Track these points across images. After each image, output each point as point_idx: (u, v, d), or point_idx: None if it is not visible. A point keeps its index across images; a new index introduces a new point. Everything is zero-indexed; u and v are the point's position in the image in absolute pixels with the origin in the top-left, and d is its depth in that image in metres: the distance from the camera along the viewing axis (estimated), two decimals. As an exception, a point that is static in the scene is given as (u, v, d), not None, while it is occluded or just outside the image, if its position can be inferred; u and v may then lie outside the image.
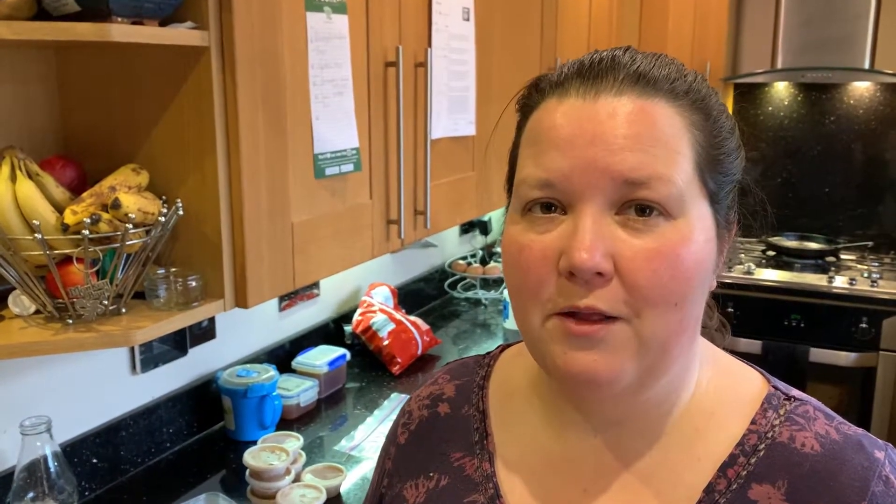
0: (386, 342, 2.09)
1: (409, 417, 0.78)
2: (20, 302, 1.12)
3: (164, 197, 1.19)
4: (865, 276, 2.78)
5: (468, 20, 1.83)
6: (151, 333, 1.12)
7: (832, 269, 2.91)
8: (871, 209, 3.15)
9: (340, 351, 1.98)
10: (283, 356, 1.96)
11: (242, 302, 1.23)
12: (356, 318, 2.16)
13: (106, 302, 1.10)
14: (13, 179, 1.07)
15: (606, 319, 0.56)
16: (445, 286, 2.79)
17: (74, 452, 1.43)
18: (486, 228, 2.96)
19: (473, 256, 2.88)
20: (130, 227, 1.07)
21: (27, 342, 1.04)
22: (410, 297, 2.54)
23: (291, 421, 1.79)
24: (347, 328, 2.17)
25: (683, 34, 2.99)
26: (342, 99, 1.41)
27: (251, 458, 1.47)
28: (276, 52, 1.23)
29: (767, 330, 2.78)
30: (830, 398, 2.69)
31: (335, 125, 1.40)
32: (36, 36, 0.99)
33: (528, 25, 2.17)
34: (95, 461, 1.48)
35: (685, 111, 0.59)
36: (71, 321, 1.10)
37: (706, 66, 2.93)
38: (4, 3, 0.97)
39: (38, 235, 1.02)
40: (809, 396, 0.66)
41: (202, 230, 1.20)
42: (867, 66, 2.77)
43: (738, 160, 0.63)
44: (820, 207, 3.22)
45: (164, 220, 1.12)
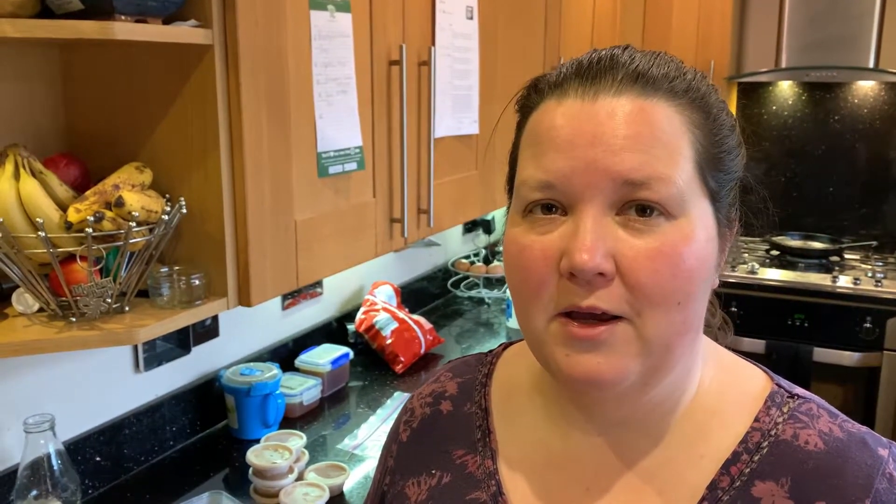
0: (389, 341, 2.09)
1: (411, 415, 0.78)
2: (24, 300, 1.12)
3: (167, 195, 1.19)
4: (869, 275, 2.78)
5: (472, 19, 1.83)
6: (155, 331, 1.12)
7: (836, 268, 2.90)
8: (875, 208, 3.14)
9: (343, 349, 1.98)
10: (286, 355, 1.96)
11: (246, 300, 1.23)
12: (359, 316, 2.16)
13: (109, 300, 1.10)
14: (17, 177, 1.07)
15: (609, 320, 0.56)
16: (448, 285, 2.79)
17: (78, 450, 1.44)
18: (489, 227, 2.96)
19: (476, 255, 2.88)
20: (134, 225, 1.07)
21: (31, 340, 1.05)
22: (413, 295, 2.54)
23: (294, 419, 1.79)
24: (350, 327, 2.16)
25: (687, 33, 2.98)
26: (346, 97, 1.40)
27: (254, 456, 1.47)
28: (279, 50, 1.23)
29: (771, 329, 2.78)
30: (834, 398, 2.68)
31: (339, 123, 1.39)
32: (40, 34, 0.99)
33: (531, 24, 2.17)
34: (99, 459, 1.48)
35: (685, 110, 0.59)
36: (74, 319, 1.10)
37: (710, 64, 2.93)
38: (8, 0, 0.97)
39: (41, 233, 1.02)
40: (813, 394, 0.66)
41: (205, 228, 1.20)
42: (872, 65, 2.77)
43: (738, 158, 0.63)
44: (824, 207, 3.21)
45: (167, 218, 1.12)
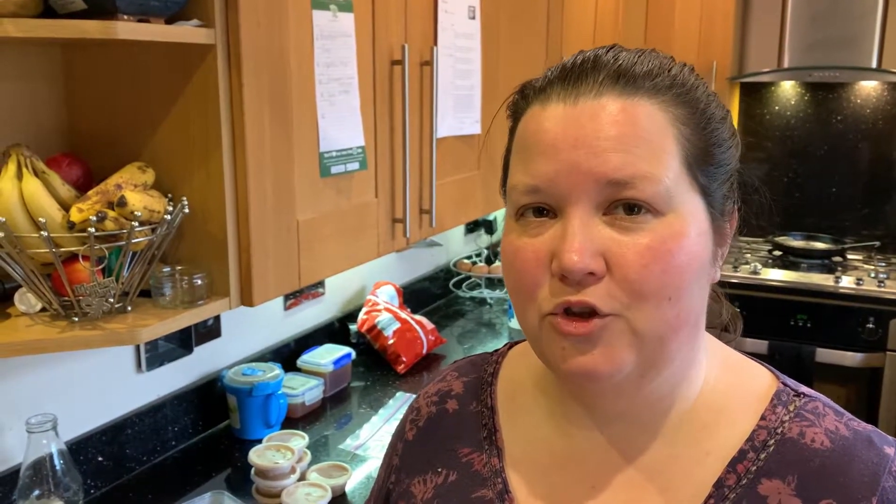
0: (391, 341, 2.09)
1: (417, 414, 0.78)
2: (26, 300, 1.12)
3: (169, 195, 1.19)
4: (872, 276, 2.77)
5: (474, 19, 1.83)
6: (157, 331, 1.12)
7: (839, 269, 2.90)
8: (877, 209, 3.13)
9: (345, 350, 1.98)
10: (288, 355, 1.96)
11: (248, 300, 1.23)
12: (361, 316, 2.16)
13: (112, 300, 1.10)
14: (19, 177, 1.07)
15: (600, 315, 0.57)
16: (450, 285, 2.79)
17: (80, 450, 1.44)
18: (491, 227, 2.96)
19: (478, 255, 2.88)
20: (136, 224, 1.07)
21: (33, 340, 1.05)
22: (415, 296, 2.54)
23: (296, 420, 1.79)
24: (352, 327, 2.16)
25: (690, 33, 2.98)
26: (348, 97, 1.40)
27: (256, 456, 1.47)
28: (282, 50, 1.23)
29: (774, 330, 2.77)
30: (837, 398, 2.66)
31: (341, 123, 1.39)
32: (42, 34, 0.99)
33: (533, 24, 2.17)
34: (101, 459, 1.48)
35: (669, 106, 0.59)
36: (77, 319, 1.10)
37: (712, 65, 2.92)
38: (11, 0, 0.97)
39: (44, 233, 1.02)
40: (819, 393, 0.66)
41: (208, 228, 1.20)
42: (874, 65, 2.76)
43: (731, 149, 0.63)
44: (826, 207, 3.20)
45: (169, 218, 1.12)
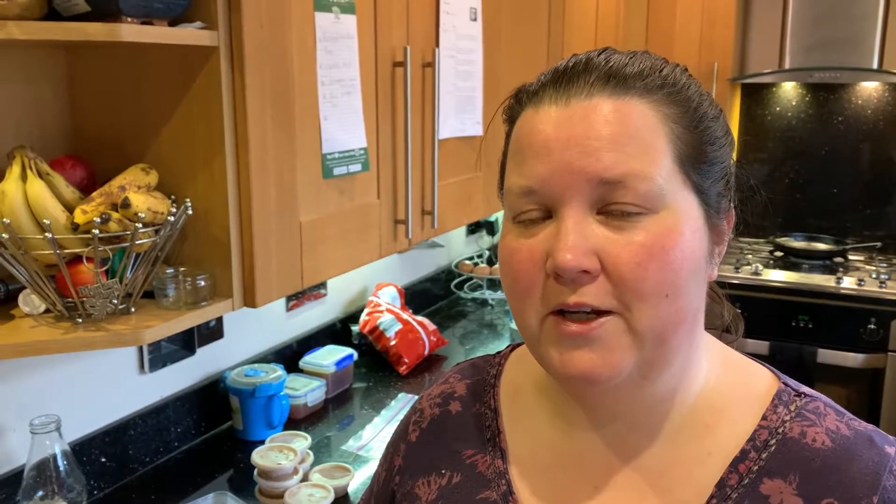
0: (393, 342, 2.09)
1: (420, 415, 0.78)
2: (30, 301, 1.12)
3: (173, 196, 1.19)
4: (874, 276, 2.77)
5: (475, 20, 1.83)
6: (160, 332, 1.12)
7: (840, 269, 2.90)
8: (879, 209, 3.13)
9: (347, 351, 1.98)
10: (290, 356, 1.96)
11: (251, 301, 1.23)
12: (363, 317, 2.16)
13: (115, 301, 1.10)
14: (24, 179, 1.07)
15: (598, 315, 0.57)
16: (452, 286, 2.79)
17: (83, 451, 1.44)
18: (492, 229, 2.96)
19: (480, 257, 2.88)
20: (140, 226, 1.08)
21: (37, 341, 1.05)
22: (417, 297, 2.55)
23: (299, 421, 1.79)
24: (354, 328, 2.17)
25: (691, 34, 2.98)
26: (350, 99, 1.41)
27: (259, 457, 1.47)
28: (284, 51, 1.24)
29: (775, 331, 2.77)
30: (838, 399, 2.66)
31: (343, 125, 1.40)
32: (47, 36, 1.00)
33: (535, 26, 2.17)
34: (104, 460, 1.49)
35: (660, 105, 0.59)
36: (80, 320, 1.10)
37: (713, 66, 2.93)
38: (15, 3, 0.97)
39: (48, 234, 1.03)
40: (819, 393, 0.67)
41: (211, 230, 1.20)
42: (875, 66, 2.76)
43: (724, 147, 0.63)
44: (828, 208, 3.21)
45: (173, 219, 1.13)
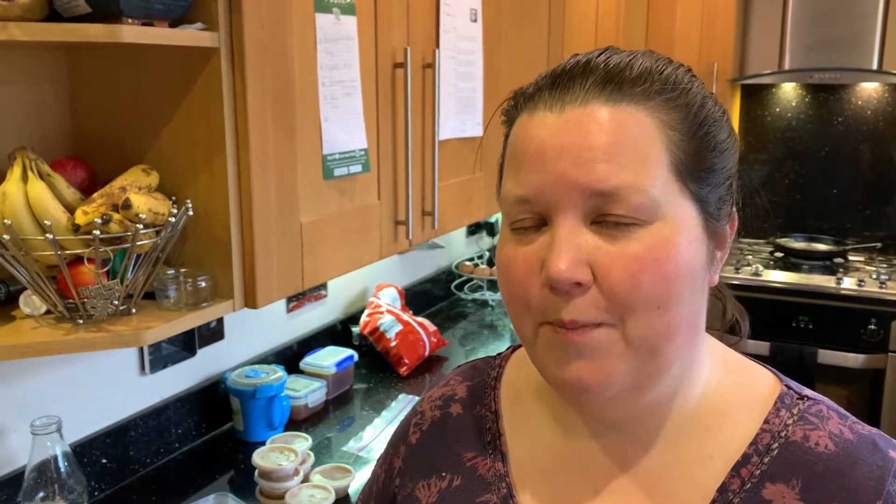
0: (393, 343, 2.09)
1: (420, 417, 0.78)
2: (31, 302, 1.13)
3: (173, 197, 1.19)
4: (874, 277, 2.77)
5: (476, 21, 1.83)
6: (161, 333, 1.12)
7: (840, 270, 2.90)
8: (879, 210, 3.14)
9: (348, 352, 1.98)
10: (290, 357, 1.96)
11: (252, 302, 1.23)
12: (363, 319, 2.16)
13: (116, 302, 1.10)
14: (25, 180, 1.07)
15: (591, 327, 0.56)
16: (452, 287, 2.79)
17: (84, 452, 1.44)
18: (493, 230, 2.96)
19: (480, 258, 2.88)
20: (141, 227, 1.08)
21: (38, 342, 1.05)
22: (418, 298, 2.55)
23: (299, 422, 1.79)
24: (355, 329, 2.17)
25: (691, 35, 2.98)
26: (351, 100, 1.41)
27: (260, 458, 1.47)
28: (285, 53, 1.24)
29: (775, 331, 2.77)
30: (839, 400, 2.66)
31: (344, 126, 1.40)
32: (47, 37, 1.00)
33: (535, 27, 2.17)
34: (105, 461, 1.49)
35: (658, 112, 0.58)
36: (81, 321, 1.10)
37: (713, 66, 2.93)
38: (16, 4, 0.97)
39: (49, 236, 1.03)
40: (822, 396, 0.66)
41: (212, 230, 1.20)
42: (875, 66, 2.76)
43: (727, 151, 0.61)
44: (828, 208, 3.21)
45: (174, 220, 1.13)
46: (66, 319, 1.11)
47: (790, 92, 3.23)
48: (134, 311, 1.15)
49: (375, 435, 1.73)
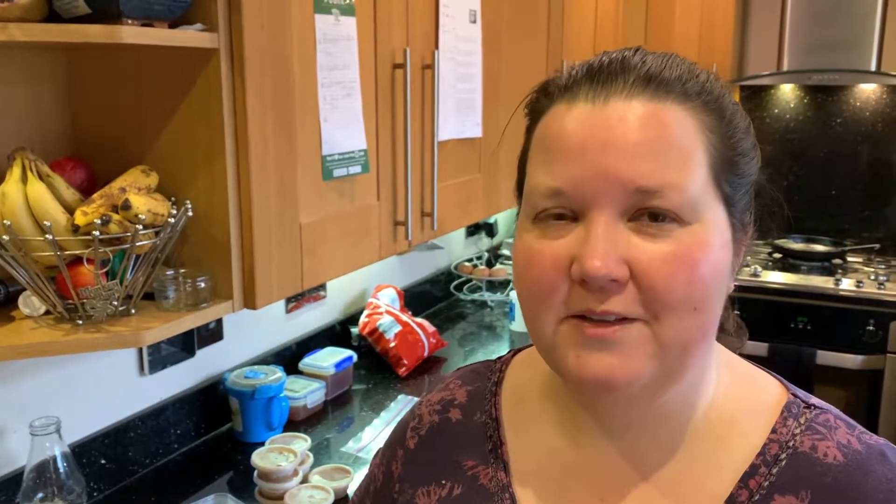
0: (392, 344, 2.09)
1: (419, 422, 0.76)
2: (30, 303, 1.12)
3: (173, 198, 1.19)
4: (872, 278, 2.78)
5: (475, 22, 1.83)
6: (161, 334, 1.12)
7: (839, 271, 2.90)
8: (877, 211, 3.14)
9: (347, 353, 1.98)
10: (289, 358, 1.96)
11: (251, 303, 1.23)
12: (363, 319, 2.16)
13: (116, 303, 1.10)
14: (24, 181, 1.07)
15: (622, 321, 0.55)
16: (451, 288, 2.79)
17: (83, 453, 1.44)
18: (492, 230, 2.96)
19: (479, 258, 2.88)
20: (140, 228, 1.08)
21: (38, 342, 1.05)
22: (417, 298, 2.55)
23: (298, 422, 1.79)
24: (354, 330, 2.17)
25: (690, 36, 2.99)
26: (350, 101, 1.41)
27: (259, 459, 1.47)
28: (284, 54, 1.24)
29: (774, 332, 2.78)
30: (837, 401, 2.68)
31: (343, 127, 1.40)
32: (47, 38, 1.00)
33: (534, 28, 2.17)
34: (104, 462, 1.49)
35: (698, 113, 0.58)
36: (81, 322, 1.10)
37: (712, 68, 2.93)
38: (16, 4, 0.97)
39: (48, 236, 1.03)
40: (828, 404, 0.65)
41: (211, 231, 1.20)
42: (874, 68, 2.77)
43: (753, 160, 0.62)
44: (826, 210, 3.21)
45: (173, 221, 1.13)
46: (65, 320, 1.11)
47: (789, 93, 3.24)
48: (133, 311, 1.15)
49: (374, 435, 1.73)
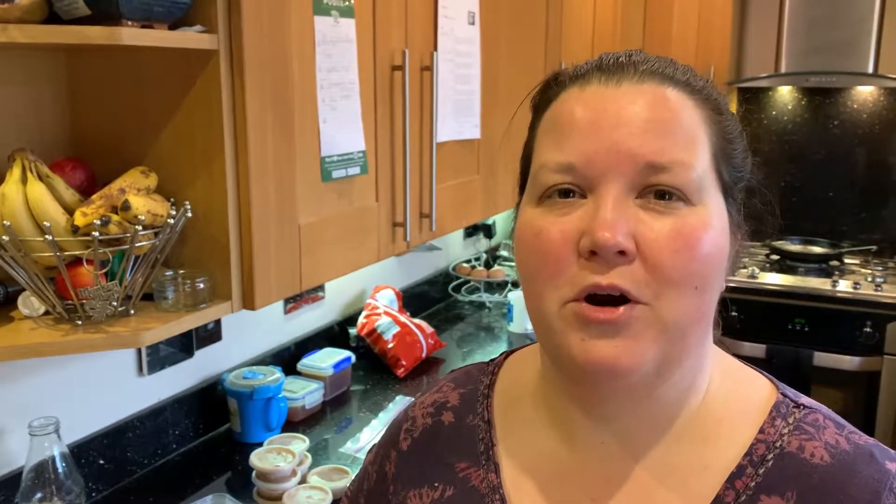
0: (390, 345, 2.09)
1: (412, 423, 0.76)
2: (30, 303, 1.13)
3: (172, 199, 1.20)
4: (869, 280, 2.78)
5: (473, 24, 1.84)
6: (160, 334, 1.12)
7: (836, 273, 2.91)
8: (875, 213, 3.15)
9: (345, 353, 1.99)
10: (288, 358, 1.96)
11: (250, 303, 1.23)
12: (361, 320, 2.16)
13: (115, 303, 1.10)
14: (24, 181, 1.08)
15: (627, 304, 0.56)
16: (450, 289, 2.79)
17: (82, 453, 1.44)
18: (490, 232, 2.97)
19: (478, 260, 2.89)
20: (140, 228, 1.08)
21: (37, 343, 1.05)
22: (415, 299, 2.55)
23: (297, 423, 1.79)
24: (352, 331, 2.17)
25: (688, 39, 2.99)
26: (349, 102, 1.41)
27: (258, 459, 1.48)
28: (284, 55, 1.24)
29: (771, 334, 2.78)
30: (834, 402, 2.68)
31: (342, 128, 1.40)
32: (48, 39, 1.00)
33: (532, 30, 2.18)
34: (102, 462, 1.49)
35: (701, 105, 0.60)
36: (80, 322, 1.10)
37: (710, 70, 2.94)
38: (17, 6, 0.98)
39: (48, 237, 1.03)
40: (819, 404, 0.65)
41: (210, 232, 1.20)
42: (871, 70, 2.77)
43: (747, 160, 0.64)
44: (824, 211, 3.22)
45: (172, 221, 1.13)
46: (64, 320, 1.11)
47: (786, 95, 3.24)
48: (132, 312, 1.15)
49: (373, 436, 1.73)
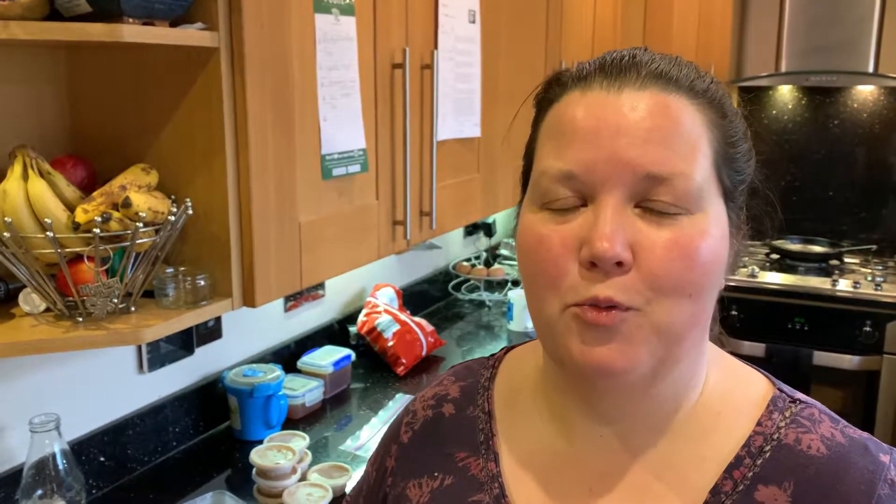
0: (390, 343, 2.09)
1: (413, 417, 0.77)
2: (31, 300, 1.13)
3: (173, 196, 1.20)
4: (869, 279, 2.79)
5: (474, 23, 1.84)
6: (160, 332, 1.12)
7: (836, 272, 2.91)
8: (875, 212, 3.15)
9: (345, 351, 1.99)
10: (288, 356, 1.97)
11: (250, 301, 1.24)
12: (361, 318, 2.17)
13: (116, 300, 1.10)
14: (25, 178, 1.08)
15: (619, 309, 0.56)
16: (450, 288, 2.79)
17: (82, 450, 1.44)
18: (490, 230, 2.97)
19: (478, 258, 2.89)
20: (140, 225, 1.08)
21: (38, 340, 1.05)
22: (415, 298, 2.55)
23: (297, 421, 1.79)
24: (352, 329, 2.17)
25: (688, 38, 2.99)
26: (349, 100, 1.42)
27: (258, 456, 1.48)
28: (284, 53, 1.24)
29: (771, 333, 2.78)
30: (834, 401, 2.69)
31: (342, 126, 1.40)
32: (49, 36, 1.00)
33: (533, 28, 2.18)
34: (103, 459, 1.49)
35: (704, 109, 0.60)
36: (81, 319, 1.10)
37: (710, 69, 2.92)
38: (18, 3, 0.98)
39: (49, 234, 1.03)
40: (814, 400, 0.66)
41: (211, 229, 1.21)
42: (871, 69, 2.78)
43: (749, 161, 0.64)
44: (824, 211, 3.22)
45: (173, 219, 1.13)
46: (65, 317, 1.11)
47: (787, 94, 3.25)
48: (133, 309, 1.15)
49: (372, 434, 1.73)
